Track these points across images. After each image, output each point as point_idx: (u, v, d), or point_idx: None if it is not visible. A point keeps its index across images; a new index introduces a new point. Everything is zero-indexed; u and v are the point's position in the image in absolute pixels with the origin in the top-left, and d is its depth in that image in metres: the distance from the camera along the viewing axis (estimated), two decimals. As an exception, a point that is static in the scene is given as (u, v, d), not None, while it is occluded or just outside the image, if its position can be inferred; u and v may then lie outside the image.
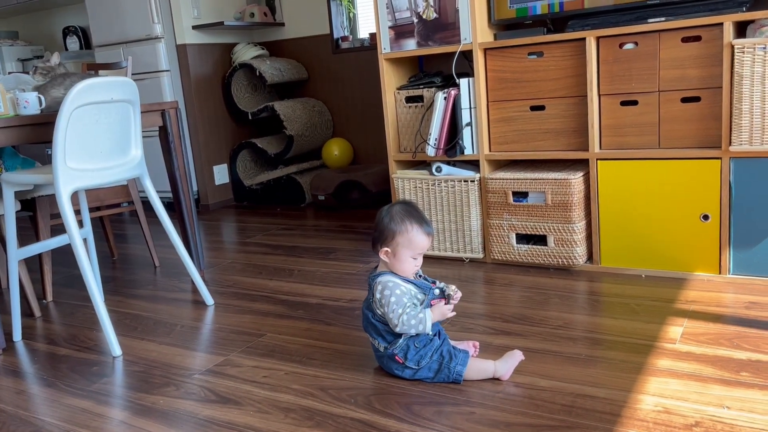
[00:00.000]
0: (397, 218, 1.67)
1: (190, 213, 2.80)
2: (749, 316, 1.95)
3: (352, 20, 4.37)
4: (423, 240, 1.67)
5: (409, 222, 1.66)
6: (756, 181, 2.16)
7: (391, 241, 1.67)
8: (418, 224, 1.67)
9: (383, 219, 1.69)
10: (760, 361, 1.67)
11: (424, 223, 1.69)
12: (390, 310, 1.65)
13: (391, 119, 2.90)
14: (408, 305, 1.65)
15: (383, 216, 1.70)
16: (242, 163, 4.47)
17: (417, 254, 1.68)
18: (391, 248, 1.68)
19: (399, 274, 1.70)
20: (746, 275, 2.24)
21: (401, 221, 1.67)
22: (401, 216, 1.67)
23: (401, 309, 1.64)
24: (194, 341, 2.15)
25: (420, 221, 1.68)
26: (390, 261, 1.69)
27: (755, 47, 2.07)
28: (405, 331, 1.65)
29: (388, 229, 1.67)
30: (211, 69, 4.35)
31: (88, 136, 2.09)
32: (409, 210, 1.70)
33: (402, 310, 1.64)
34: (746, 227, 2.20)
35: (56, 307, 2.61)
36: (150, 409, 1.69)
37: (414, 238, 1.66)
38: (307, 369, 1.84)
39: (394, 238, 1.66)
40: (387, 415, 1.55)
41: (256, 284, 2.68)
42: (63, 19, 5.34)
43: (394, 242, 1.67)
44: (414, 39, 2.75)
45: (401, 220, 1.67)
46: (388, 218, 1.68)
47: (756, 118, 2.12)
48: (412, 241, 1.66)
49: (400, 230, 1.66)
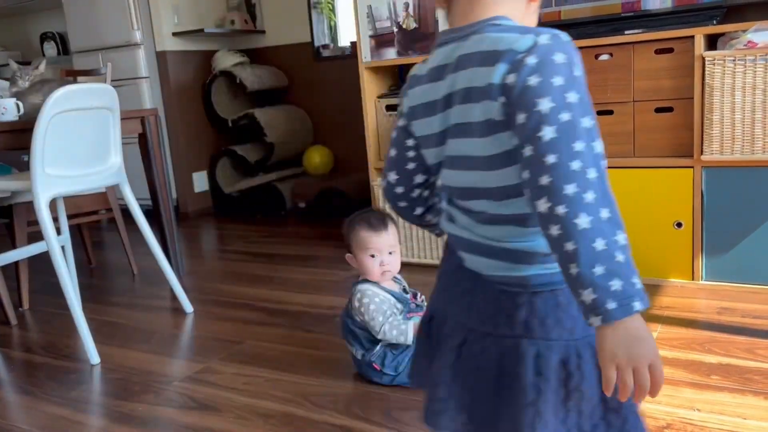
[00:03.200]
0: (349, 225, 1.76)
1: (170, 220, 2.80)
2: (720, 321, 2.00)
3: (333, 29, 4.39)
4: (369, 237, 1.72)
5: (357, 224, 1.74)
6: (727, 190, 2.22)
7: (349, 246, 1.76)
8: (364, 223, 1.73)
9: (344, 228, 1.78)
10: (729, 364, 1.71)
11: (373, 221, 1.74)
12: (370, 318, 1.67)
13: (371, 127, 2.92)
14: (389, 314, 1.67)
15: (344, 226, 1.79)
16: (222, 171, 4.46)
17: (372, 252, 1.72)
18: (352, 253, 1.75)
19: (373, 281, 1.73)
20: (718, 281, 2.29)
21: (350, 226, 1.75)
22: (351, 222, 1.76)
23: (382, 317, 1.66)
24: (173, 349, 2.14)
25: (367, 220, 1.74)
26: (356, 266, 1.76)
27: (725, 59, 2.13)
28: (387, 340, 1.67)
29: (345, 237, 1.77)
30: (191, 76, 4.34)
31: (66, 142, 2.08)
32: (360, 215, 1.77)
33: (383, 318, 1.66)
34: (718, 234, 2.25)
35: (33, 315, 2.58)
36: (129, 417, 1.68)
37: (361, 239, 1.72)
38: (287, 376, 1.85)
39: (350, 243, 1.75)
40: (367, 420, 1.57)
41: (235, 292, 2.68)
42: (40, 24, 5.29)
43: (352, 247, 1.75)
44: (394, 48, 2.78)
45: (350, 225, 1.75)
46: (344, 227, 1.78)
47: (726, 128, 2.18)
48: (360, 241, 1.72)
49: (350, 235, 1.74)
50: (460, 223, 0.87)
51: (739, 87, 2.13)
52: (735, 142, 2.17)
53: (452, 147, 0.84)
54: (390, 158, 0.94)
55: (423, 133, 0.88)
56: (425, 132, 0.87)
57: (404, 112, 0.91)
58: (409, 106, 0.89)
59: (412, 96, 0.89)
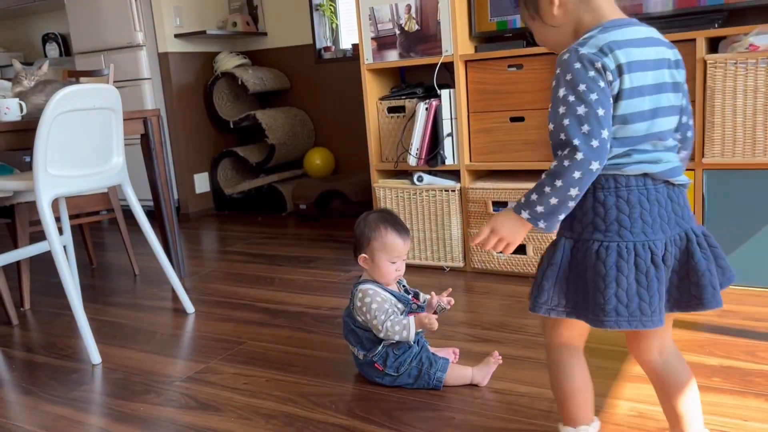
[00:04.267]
0: (372, 224, 1.71)
1: (171, 221, 2.80)
2: (721, 323, 2.00)
3: (335, 31, 4.40)
4: (397, 243, 1.70)
5: (383, 226, 1.70)
6: (728, 192, 2.22)
7: (367, 247, 1.71)
8: (392, 228, 1.70)
9: (360, 226, 1.74)
10: (731, 367, 1.71)
11: (399, 227, 1.72)
12: (372, 317, 1.67)
13: (373, 129, 2.93)
14: (391, 312, 1.67)
15: (360, 223, 1.74)
16: (223, 172, 4.47)
17: (394, 258, 1.70)
18: (368, 254, 1.71)
19: (380, 282, 1.72)
20: (719, 284, 2.29)
21: (375, 227, 1.71)
22: (376, 222, 1.72)
23: (384, 315, 1.66)
24: (175, 349, 2.15)
25: (394, 225, 1.71)
26: (369, 267, 1.73)
27: (727, 62, 2.14)
28: (389, 337, 1.67)
29: (363, 235, 1.72)
30: (193, 77, 4.35)
31: (69, 142, 2.09)
32: (384, 216, 1.74)
33: (385, 316, 1.66)
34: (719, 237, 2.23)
35: (34, 314, 2.58)
36: (130, 416, 1.68)
37: (388, 242, 1.69)
38: (287, 376, 1.85)
39: (370, 243, 1.70)
40: (367, 420, 1.57)
41: (236, 292, 2.68)
42: (43, 25, 5.30)
43: (370, 247, 1.70)
44: (396, 50, 2.79)
45: (375, 225, 1.71)
46: (364, 225, 1.73)
47: (728, 131, 2.18)
48: (386, 244, 1.69)
49: (374, 235, 1.70)
50: (665, 159, 1.12)
51: (740, 90, 2.13)
52: (736, 145, 2.18)
53: (666, 99, 1.12)
54: (600, 117, 1.06)
55: (637, 84, 1.08)
56: (639, 83, 1.09)
57: (612, 68, 1.07)
58: (626, 62, 1.08)
59: (627, 54, 1.08)
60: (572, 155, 1.06)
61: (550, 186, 1.08)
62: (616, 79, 1.07)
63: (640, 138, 1.10)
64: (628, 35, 1.11)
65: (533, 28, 1.23)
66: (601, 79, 1.06)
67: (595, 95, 1.06)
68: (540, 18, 1.19)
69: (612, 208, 1.10)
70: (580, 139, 1.05)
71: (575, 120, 1.06)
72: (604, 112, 1.06)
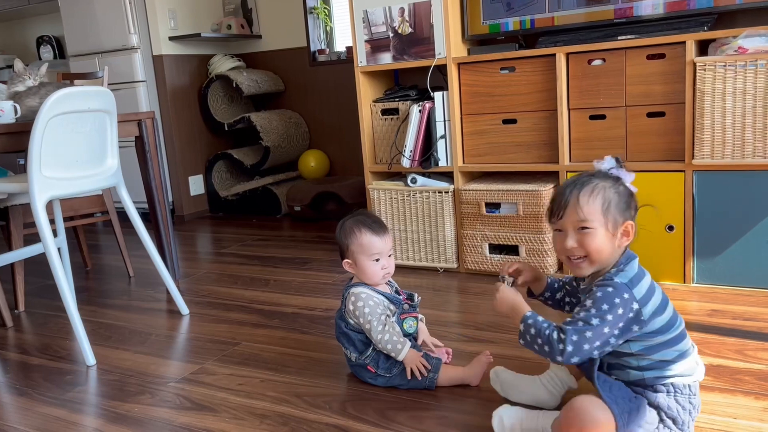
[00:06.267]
0: (347, 229, 1.74)
1: (166, 223, 2.81)
2: (711, 323, 2.02)
3: (329, 34, 4.42)
4: (374, 240, 1.71)
5: (356, 229, 1.72)
6: (718, 193, 2.25)
7: (348, 252, 1.73)
8: (365, 228, 1.72)
9: (338, 234, 1.76)
10: (720, 365, 1.73)
11: (375, 225, 1.73)
12: (366, 321, 1.68)
13: (367, 131, 2.95)
14: (384, 317, 1.69)
15: (338, 231, 1.76)
16: (218, 174, 4.48)
17: (375, 256, 1.71)
18: (350, 258, 1.73)
19: (369, 284, 1.74)
20: (709, 284, 2.32)
21: (350, 231, 1.73)
22: (350, 226, 1.73)
23: (377, 321, 1.67)
24: (169, 350, 2.15)
25: (368, 225, 1.73)
26: (355, 271, 1.75)
27: (716, 65, 2.16)
28: (380, 348, 1.69)
29: (341, 242, 1.74)
30: (187, 80, 4.36)
31: (64, 145, 2.09)
32: (357, 219, 1.75)
33: (378, 322, 1.67)
34: (709, 238, 2.28)
35: (28, 316, 2.59)
36: (125, 417, 1.69)
37: (364, 242, 1.71)
38: (282, 376, 1.86)
39: (349, 247, 1.73)
40: (361, 420, 1.58)
41: (231, 294, 2.69)
42: (37, 28, 5.31)
43: (350, 251, 1.73)
44: (390, 53, 2.81)
45: (350, 229, 1.73)
46: (340, 232, 1.75)
47: (717, 132, 2.21)
48: (363, 245, 1.71)
49: (350, 240, 1.72)
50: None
51: (729, 92, 2.16)
52: (726, 146, 2.20)
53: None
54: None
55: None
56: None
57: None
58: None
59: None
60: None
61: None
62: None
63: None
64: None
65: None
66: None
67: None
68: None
69: None
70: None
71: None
72: None
